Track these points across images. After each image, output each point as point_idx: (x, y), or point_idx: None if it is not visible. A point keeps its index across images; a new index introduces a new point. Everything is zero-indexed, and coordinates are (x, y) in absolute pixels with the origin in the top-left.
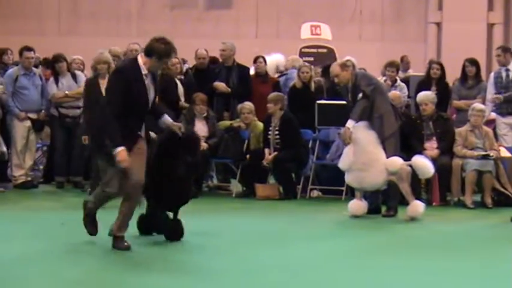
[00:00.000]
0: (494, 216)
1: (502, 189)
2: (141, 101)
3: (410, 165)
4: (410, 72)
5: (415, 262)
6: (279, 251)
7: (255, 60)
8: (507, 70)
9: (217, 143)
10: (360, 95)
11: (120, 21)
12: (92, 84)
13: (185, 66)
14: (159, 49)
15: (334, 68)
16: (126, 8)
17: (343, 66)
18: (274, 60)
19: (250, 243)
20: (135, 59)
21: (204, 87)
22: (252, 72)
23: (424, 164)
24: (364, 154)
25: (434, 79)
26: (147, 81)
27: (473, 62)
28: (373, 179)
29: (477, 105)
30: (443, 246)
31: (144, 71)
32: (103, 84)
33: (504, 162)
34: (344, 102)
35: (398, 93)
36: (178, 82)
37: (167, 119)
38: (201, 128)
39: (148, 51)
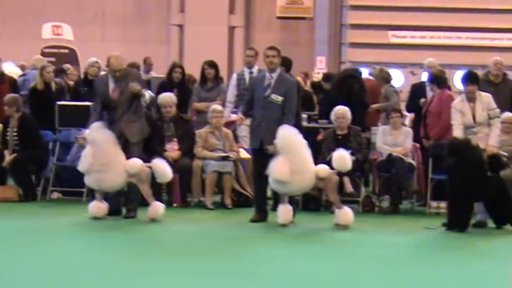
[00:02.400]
0: (233, 217)
1: (241, 190)
2: None
3: (150, 167)
4: (153, 73)
5: (153, 262)
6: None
7: None
8: (251, 72)
9: None
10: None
11: None
12: None
13: None
14: None
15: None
16: None
17: None
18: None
19: None
20: None
21: None
22: None
23: (162, 168)
24: (102, 155)
25: (175, 81)
26: None
27: (212, 65)
28: (112, 181)
29: (216, 106)
30: (182, 246)
31: None
32: None
33: (243, 163)
34: (86, 103)
35: None
36: None
37: None
38: None
39: None
